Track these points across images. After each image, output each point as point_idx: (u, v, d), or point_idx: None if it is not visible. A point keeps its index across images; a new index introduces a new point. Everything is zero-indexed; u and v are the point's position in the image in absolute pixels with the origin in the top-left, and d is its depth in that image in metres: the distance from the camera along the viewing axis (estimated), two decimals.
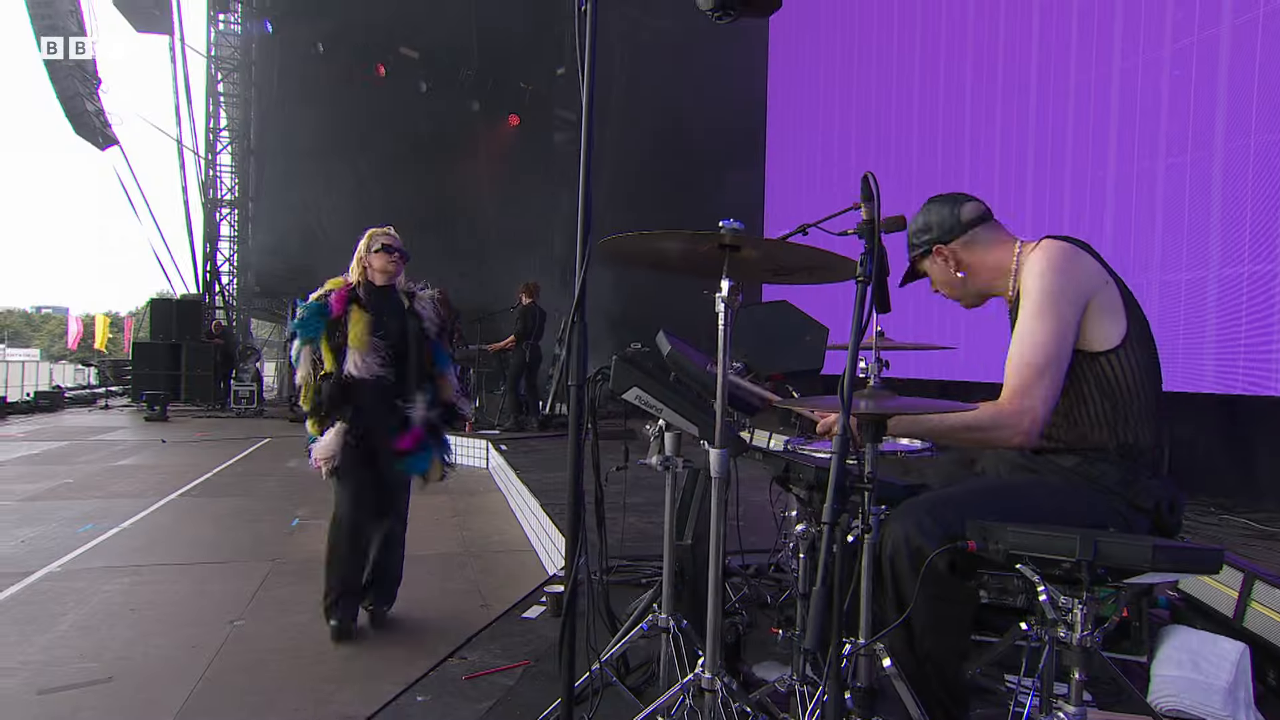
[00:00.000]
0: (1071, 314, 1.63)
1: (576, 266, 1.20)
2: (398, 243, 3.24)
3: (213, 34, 16.10)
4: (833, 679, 1.21)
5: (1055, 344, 1.61)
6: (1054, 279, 1.64)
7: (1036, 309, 1.63)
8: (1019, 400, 1.60)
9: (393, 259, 3.18)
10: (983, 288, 1.88)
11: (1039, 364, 1.60)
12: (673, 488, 1.83)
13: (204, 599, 3.71)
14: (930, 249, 1.86)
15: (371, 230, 3.25)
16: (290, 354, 3.17)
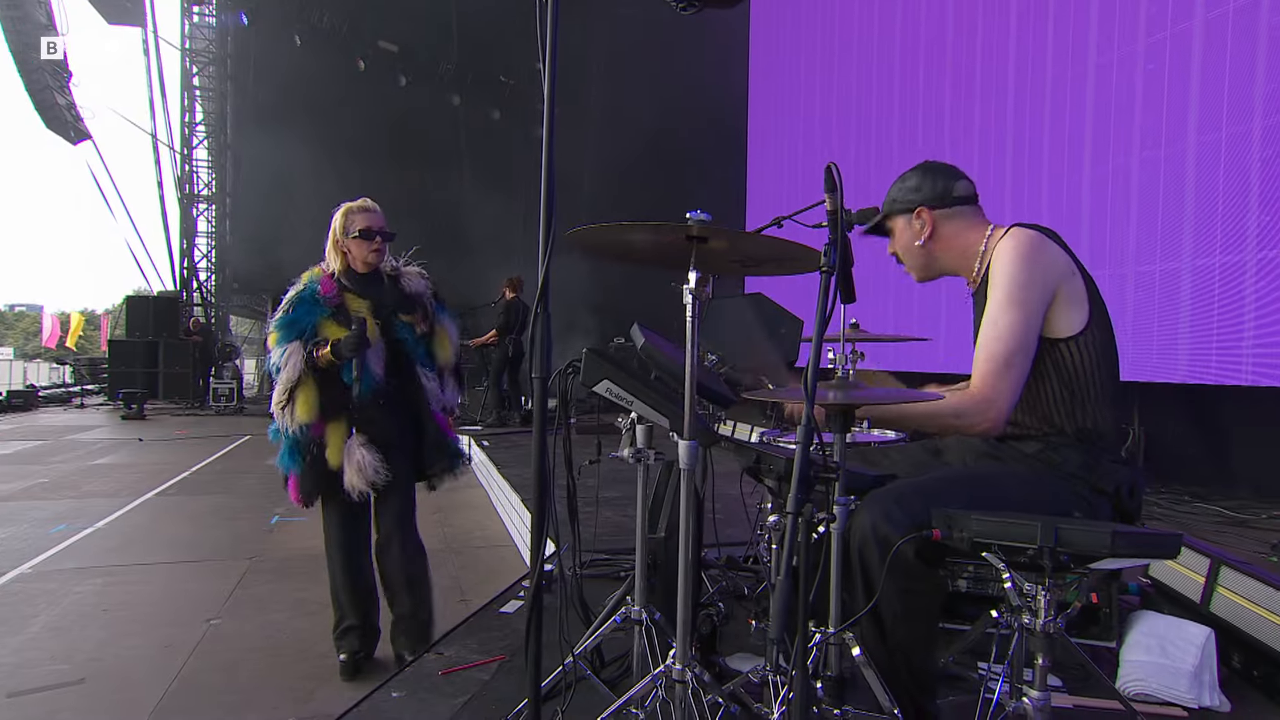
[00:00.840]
0: (1039, 304, 1.65)
1: (539, 258, 1.20)
2: (379, 221, 2.74)
3: (187, 26, 15.82)
4: (799, 668, 1.21)
5: (1023, 334, 1.63)
6: (1023, 269, 1.65)
7: (1006, 299, 1.64)
8: (987, 389, 1.62)
9: (374, 246, 2.70)
10: (945, 265, 1.88)
11: (1007, 354, 1.62)
12: (645, 480, 1.83)
13: (180, 598, 3.67)
14: (913, 208, 1.85)
15: (346, 206, 2.75)
16: (270, 360, 2.66)
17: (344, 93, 13.75)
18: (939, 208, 1.84)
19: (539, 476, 1.24)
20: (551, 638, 1.85)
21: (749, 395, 1.79)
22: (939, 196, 1.84)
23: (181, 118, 15.93)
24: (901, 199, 1.87)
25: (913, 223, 1.86)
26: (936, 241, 1.85)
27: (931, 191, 1.84)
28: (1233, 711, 2.06)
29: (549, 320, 1.23)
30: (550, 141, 1.21)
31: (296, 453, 2.68)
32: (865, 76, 8.95)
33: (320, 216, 11.77)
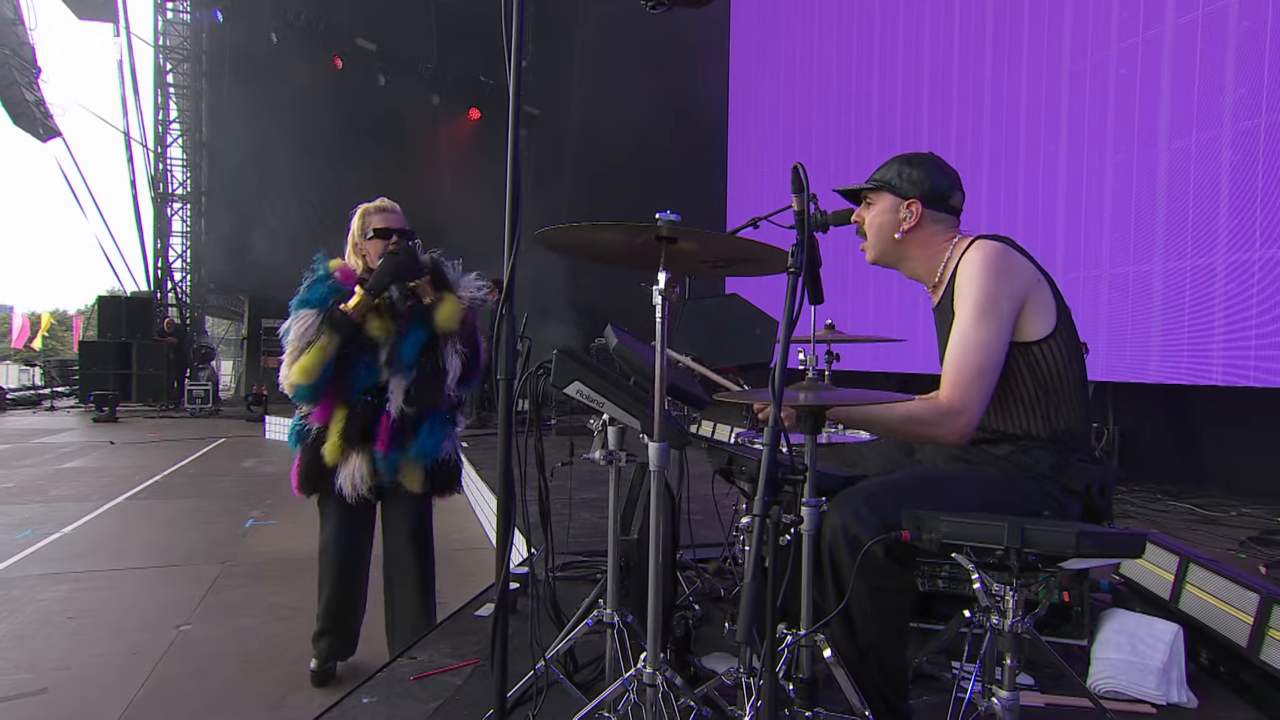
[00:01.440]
0: (1010, 315, 1.66)
1: (504, 257, 1.18)
2: (397, 221, 2.63)
3: (160, 22, 15.58)
4: (768, 670, 1.21)
5: (995, 347, 1.63)
6: (991, 281, 1.65)
7: (977, 311, 1.65)
8: (955, 400, 1.62)
9: (390, 246, 2.56)
10: (908, 261, 1.88)
11: (978, 367, 1.62)
12: (616, 482, 1.81)
13: (149, 604, 3.60)
14: (909, 198, 1.83)
15: (363, 207, 2.65)
16: (282, 328, 2.55)
17: (322, 91, 13.59)
18: (931, 208, 1.84)
19: (504, 479, 1.22)
20: (527, 642, 1.83)
21: (720, 397, 1.78)
22: (937, 198, 1.84)
23: (155, 115, 15.68)
24: (900, 183, 1.84)
25: (900, 210, 1.84)
26: (914, 237, 1.84)
27: (933, 190, 1.83)
28: (1200, 708, 2.08)
29: (514, 321, 1.22)
30: (515, 141, 1.20)
31: (296, 436, 2.67)
32: (845, 81, 9.00)
33: (298, 217, 11.86)
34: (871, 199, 1.89)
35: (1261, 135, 4.79)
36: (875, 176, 1.89)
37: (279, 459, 8.27)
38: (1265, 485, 5.07)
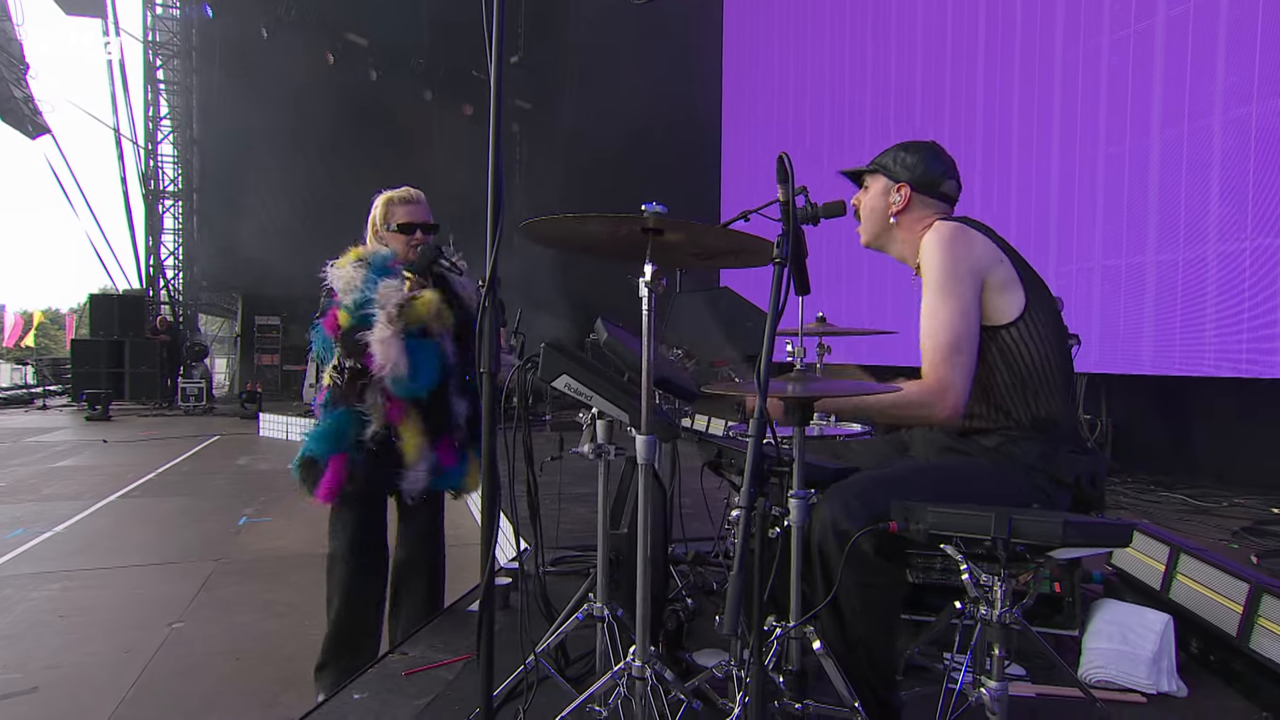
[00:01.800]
0: (969, 290, 1.67)
1: (486, 249, 1.17)
2: (422, 214, 2.53)
3: (149, 18, 15.47)
4: (756, 661, 1.20)
5: (961, 319, 1.65)
6: (945, 256, 1.67)
7: (936, 288, 1.67)
8: (938, 377, 1.63)
9: (414, 242, 2.47)
10: (897, 245, 1.91)
11: (949, 341, 1.63)
12: (605, 476, 1.81)
13: (141, 603, 3.59)
14: (899, 181, 1.87)
15: (386, 195, 2.52)
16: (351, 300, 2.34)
17: (313, 87, 13.50)
18: (921, 193, 1.86)
19: (489, 473, 1.21)
20: (518, 637, 1.83)
21: (709, 389, 1.78)
22: (927, 183, 1.86)
23: (145, 112, 15.60)
24: (893, 166, 1.89)
25: (891, 193, 1.88)
26: (902, 220, 1.87)
27: (923, 175, 1.86)
28: (1189, 696, 2.08)
29: (498, 313, 1.21)
30: (497, 132, 1.19)
31: (338, 437, 2.37)
32: (837, 73, 8.98)
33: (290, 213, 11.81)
34: (868, 182, 1.93)
35: (1253, 123, 4.79)
36: (875, 160, 1.94)
37: (273, 456, 8.25)
38: (1257, 476, 5.09)
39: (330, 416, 2.41)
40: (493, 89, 1.16)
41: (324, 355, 2.47)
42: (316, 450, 2.38)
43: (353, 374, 2.38)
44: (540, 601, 2.29)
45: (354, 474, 2.37)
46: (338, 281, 2.39)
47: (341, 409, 2.40)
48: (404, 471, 2.42)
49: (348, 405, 2.40)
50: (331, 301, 2.41)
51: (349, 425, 2.38)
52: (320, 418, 2.44)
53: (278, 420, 10.08)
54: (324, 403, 2.44)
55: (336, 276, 2.40)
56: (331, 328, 2.39)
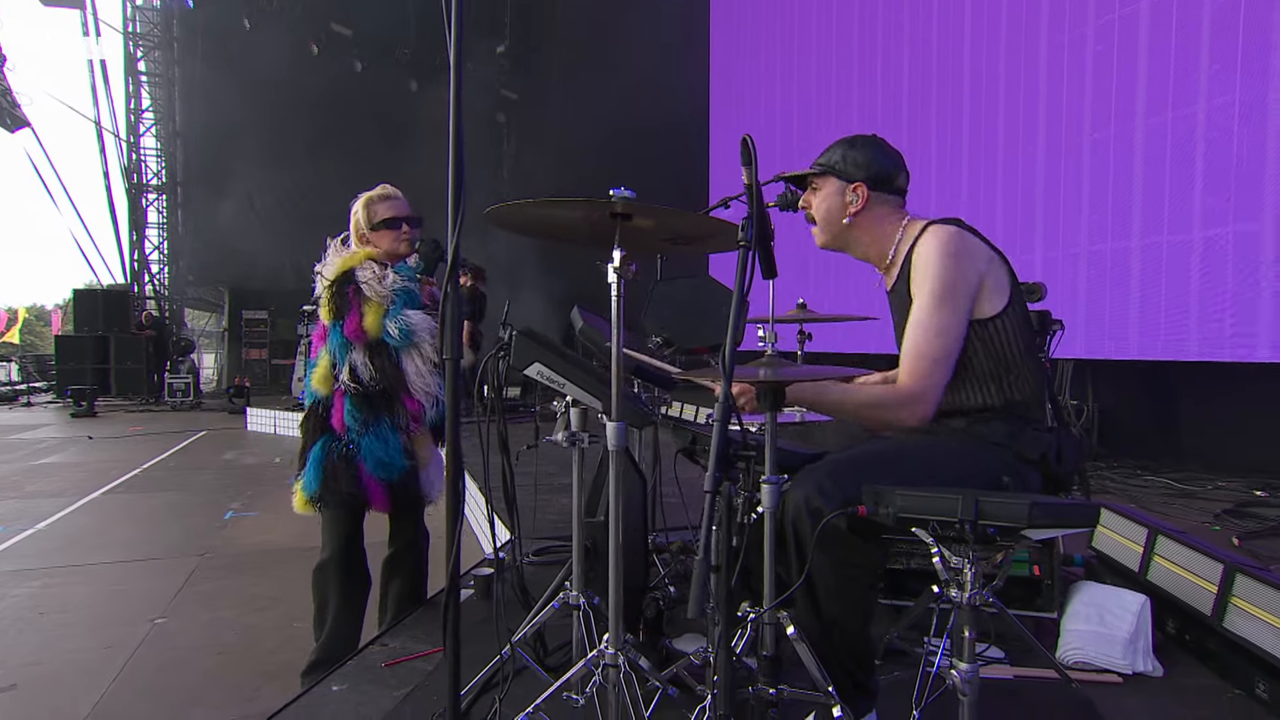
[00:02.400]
0: (967, 300, 1.66)
1: (448, 235, 1.15)
2: (404, 208, 2.50)
3: (129, 9, 15.25)
4: (724, 648, 1.20)
5: (954, 333, 1.64)
6: (950, 267, 1.65)
7: (935, 298, 1.65)
8: (915, 386, 1.63)
9: (403, 235, 2.45)
10: (857, 244, 1.88)
11: (937, 354, 1.63)
12: (580, 464, 1.80)
13: (124, 599, 3.57)
14: (854, 181, 1.83)
15: (366, 196, 2.48)
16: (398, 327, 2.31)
17: (297, 78, 13.37)
18: (877, 190, 1.83)
19: (452, 460, 1.20)
20: (494, 628, 1.82)
21: (683, 375, 1.77)
22: (883, 180, 1.83)
23: (127, 104, 15.41)
24: (845, 167, 1.84)
25: (846, 193, 1.84)
26: (860, 221, 1.84)
27: (878, 172, 1.83)
28: (1165, 676, 2.10)
29: (459, 300, 1.19)
30: (458, 113, 1.17)
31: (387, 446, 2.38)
32: (825, 62, 8.96)
33: (276, 206, 11.70)
34: (817, 184, 1.88)
35: (1236, 111, 4.80)
36: (819, 161, 1.89)
37: (261, 450, 8.21)
38: (1240, 459, 5.13)
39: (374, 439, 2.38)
40: (452, 71, 1.15)
41: (338, 356, 2.40)
42: (381, 474, 2.38)
43: (379, 387, 2.37)
44: (518, 591, 2.29)
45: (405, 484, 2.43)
46: (370, 280, 2.35)
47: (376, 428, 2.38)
48: (422, 476, 2.47)
49: (376, 415, 2.38)
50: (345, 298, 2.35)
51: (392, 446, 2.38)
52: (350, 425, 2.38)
53: (265, 414, 10.02)
54: (348, 408, 2.38)
55: (365, 279, 2.35)
56: (355, 333, 2.34)
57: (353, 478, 2.34)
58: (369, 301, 2.34)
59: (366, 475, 2.35)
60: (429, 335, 2.34)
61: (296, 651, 2.90)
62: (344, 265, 2.39)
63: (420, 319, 2.35)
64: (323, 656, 2.40)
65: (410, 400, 2.41)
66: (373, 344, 2.35)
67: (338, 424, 2.38)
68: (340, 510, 2.40)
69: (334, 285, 2.37)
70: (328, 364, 2.41)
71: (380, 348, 2.36)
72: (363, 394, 2.36)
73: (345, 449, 2.36)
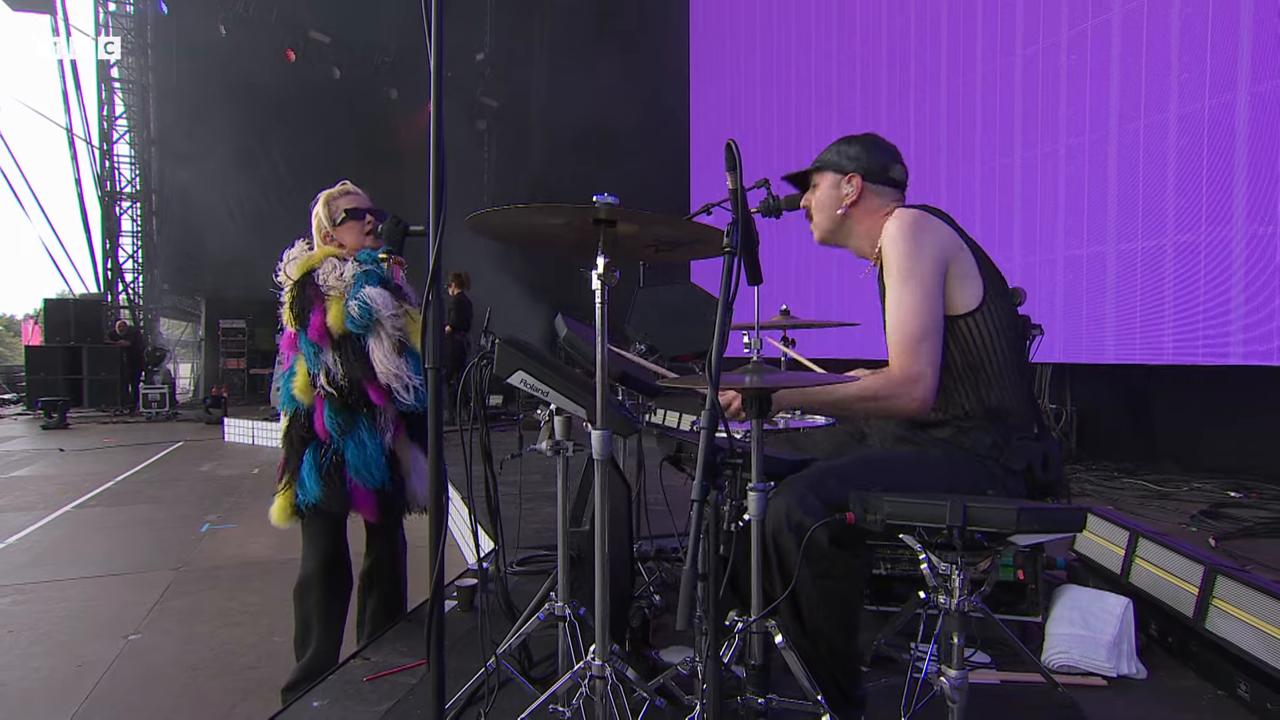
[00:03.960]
0: (933, 277, 1.66)
1: (429, 241, 1.13)
2: (365, 200, 2.48)
3: (101, 14, 15.02)
4: (712, 655, 1.18)
5: (928, 308, 1.64)
6: (908, 244, 1.67)
7: (901, 277, 1.66)
8: (906, 367, 1.62)
9: (367, 227, 2.42)
10: (853, 237, 1.90)
11: (917, 330, 1.62)
12: (564, 473, 1.78)
13: (96, 614, 3.48)
14: (847, 172, 1.86)
15: (325, 194, 2.47)
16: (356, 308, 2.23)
17: (274, 86, 13.22)
18: (871, 181, 1.85)
19: (434, 470, 1.18)
20: (479, 640, 1.79)
21: (667, 383, 1.75)
22: (876, 170, 1.86)
23: (100, 111, 15.15)
24: (838, 160, 1.88)
25: (842, 185, 1.86)
26: (856, 211, 1.86)
27: (871, 164, 1.85)
28: (1149, 678, 2.11)
29: (442, 307, 1.17)
30: (439, 117, 1.15)
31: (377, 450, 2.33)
32: (803, 70, 9.03)
33: (253, 214, 11.55)
34: (816, 180, 1.92)
35: (1205, 119, 4.89)
36: (817, 160, 1.93)
37: (239, 461, 8.08)
38: (1215, 460, 5.21)
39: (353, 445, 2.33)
40: (432, 73, 1.13)
41: (311, 362, 2.34)
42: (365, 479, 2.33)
43: (353, 384, 2.31)
44: (502, 602, 2.25)
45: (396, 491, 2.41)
46: (329, 276, 2.30)
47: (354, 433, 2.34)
48: (405, 482, 2.43)
49: (354, 419, 2.34)
50: (307, 299, 2.30)
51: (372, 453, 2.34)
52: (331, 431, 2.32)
53: (243, 425, 9.87)
54: (328, 414, 2.32)
55: (324, 275, 2.31)
56: (319, 333, 2.29)
57: (342, 484, 2.30)
58: (329, 297, 2.29)
59: (351, 481, 2.31)
60: (389, 310, 2.26)
61: (274, 667, 2.85)
62: (305, 266, 2.35)
63: (378, 294, 2.27)
64: (304, 675, 2.35)
65: (376, 393, 2.32)
66: (338, 340, 2.30)
67: (320, 430, 2.33)
68: (325, 520, 2.35)
69: (295, 287, 2.33)
70: (305, 372, 2.36)
71: (345, 343, 2.30)
72: (340, 398, 2.32)
73: (333, 455, 2.32)
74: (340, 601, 2.45)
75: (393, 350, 2.29)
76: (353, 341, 2.31)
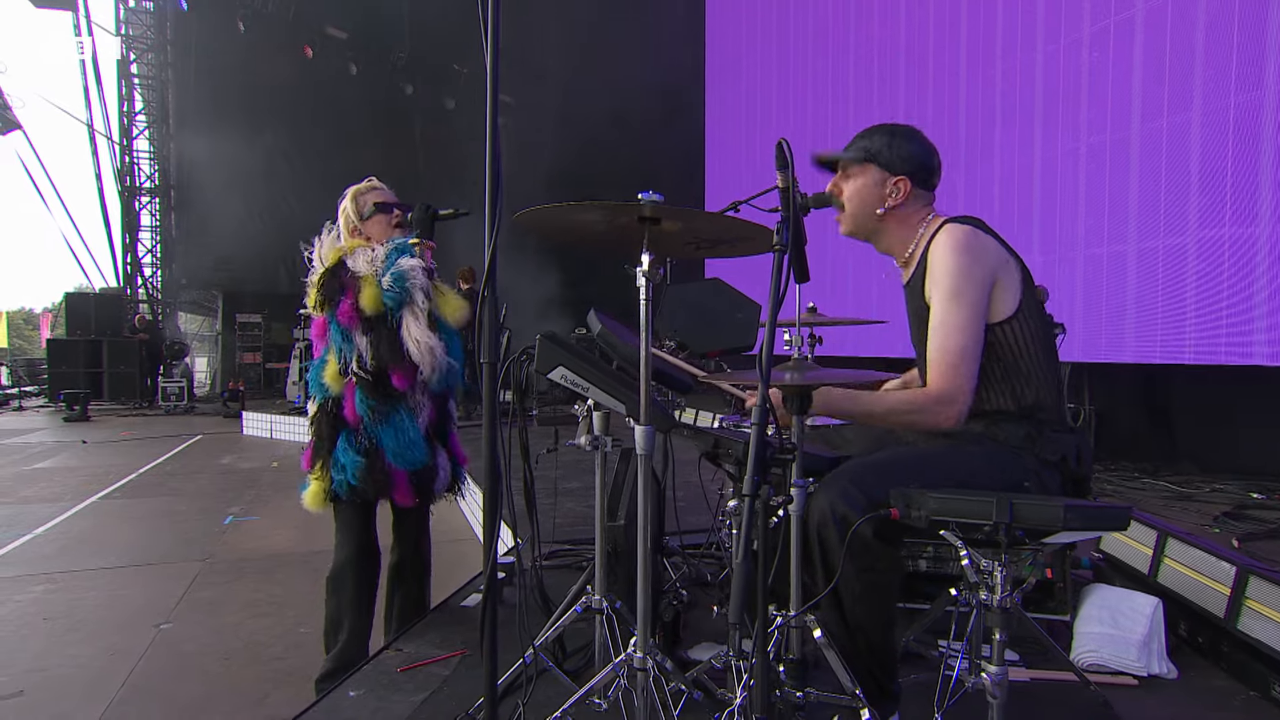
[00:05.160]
0: (982, 296, 1.66)
1: (485, 240, 1.16)
2: (392, 196, 2.53)
3: (122, 11, 15.14)
4: (760, 651, 1.20)
5: (973, 328, 1.64)
6: (963, 263, 1.66)
7: (951, 295, 1.65)
8: (946, 385, 1.62)
9: (395, 220, 2.48)
10: (886, 236, 1.86)
11: (960, 350, 1.63)
12: (603, 468, 1.80)
13: (127, 604, 3.54)
14: (897, 173, 1.79)
15: (353, 189, 2.51)
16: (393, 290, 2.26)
17: (292, 81, 13.31)
18: (917, 186, 1.81)
19: (490, 466, 1.20)
20: (515, 630, 1.82)
21: (706, 379, 1.77)
22: (925, 175, 1.82)
23: (120, 107, 15.29)
24: (888, 157, 1.79)
25: (887, 185, 1.80)
26: (894, 214, 1.82)
27: (921, 167, 1.81)
28: (1180, 678, 2.12)
29: (496, 304, 1.19)
30: (494, 119, 1.17)
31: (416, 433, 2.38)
32: (820, 68, 8.99)
33: (270, 210, 11.62)
34: (854, 170, 1.83)
35: (1230, 117, 4.85)
36: (861, 146, 1.82)
37: (258, 455, 8.16)
38: (1235, 462, 5.17)
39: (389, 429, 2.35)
40: (489, 72, 1.15)
41: (343, 347, 2.36)
42: (402, 463, 2.36)
43: (380, 371, 2.33)
44: (538, 595, 2.28)
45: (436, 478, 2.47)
46: (359, 261, 2.33)
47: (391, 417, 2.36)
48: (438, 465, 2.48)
49: (390, 404, 2.36)
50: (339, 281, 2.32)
51: (413, 434, 2.37)
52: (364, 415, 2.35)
53: (261, 418, 9.96)
54: (359, 398, 2.35)
55: (359, 258, 2.33)
56: (350, 315, 2.30)
57: (382, 465, 2.33)
58: (363, 278, 2.30)
59: (388, 464, 2.34)
60: (421, 281, 2.29)
61: (303, 658, 2.89)
62: (338, 254, 2.38)
63: (412, 264, 2.30)
64: (338, 665, 2.38)
65: (400, 378, 2.32)
66: (371, 321, 2.30)
67: (350, 416, 2.36)
68: (359, 507, 2.39)
69: (326, 273, 2.35)
70: (335, 359, 2.38)
71: (379, 324, 2.30)
72: (372, 381, 2.34)
73: (366, 440, 2.34)
74: (371, 591, 2.48)
75: (427, 325, 2.31)
76: (385, 322, 2.31)
